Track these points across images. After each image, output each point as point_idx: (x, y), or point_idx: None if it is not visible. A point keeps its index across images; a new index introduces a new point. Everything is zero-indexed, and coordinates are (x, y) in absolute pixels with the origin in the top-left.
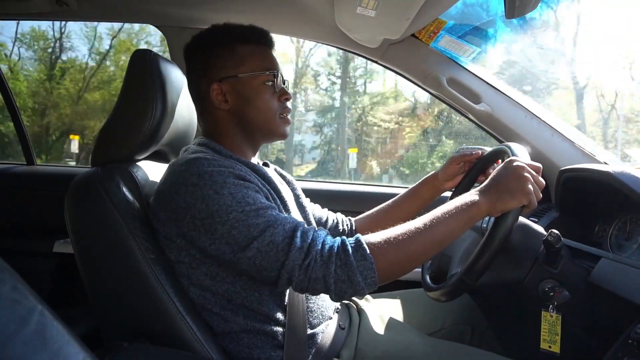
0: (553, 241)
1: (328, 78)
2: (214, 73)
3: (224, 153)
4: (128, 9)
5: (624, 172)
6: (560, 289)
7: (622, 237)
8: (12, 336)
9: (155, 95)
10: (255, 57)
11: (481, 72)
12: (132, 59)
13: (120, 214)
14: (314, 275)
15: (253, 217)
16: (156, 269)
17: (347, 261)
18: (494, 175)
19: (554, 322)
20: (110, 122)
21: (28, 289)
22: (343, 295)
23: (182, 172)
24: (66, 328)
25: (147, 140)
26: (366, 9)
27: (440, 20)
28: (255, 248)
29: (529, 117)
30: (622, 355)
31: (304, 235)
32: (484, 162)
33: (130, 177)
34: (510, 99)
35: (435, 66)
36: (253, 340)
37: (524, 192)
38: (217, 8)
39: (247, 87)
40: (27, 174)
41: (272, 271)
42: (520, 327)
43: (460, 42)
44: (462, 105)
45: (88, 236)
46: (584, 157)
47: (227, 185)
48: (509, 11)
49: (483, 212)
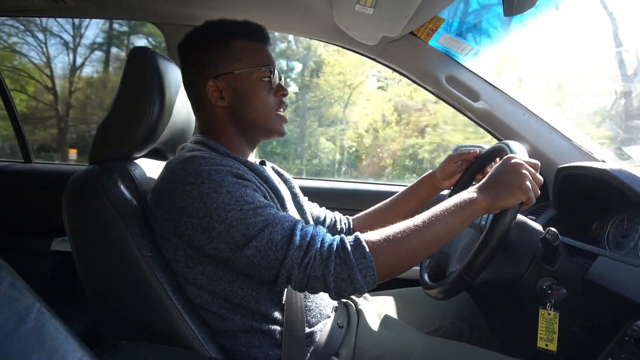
0: (551, 239)
1: None
2: (210, 70)
3: (220, 151)
4: (126, 6)
5: (621, 170)
6: (558, 287)
7: (619, 235)
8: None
9: (153, 93)
10: (250, 53)
11: (480, 70)
12: (130, 57)
13: (118, 212)
14: (313, 273)
15: (252, 215)
16: (154, 267)
17: (346, 259)
18: (492, 172)
19: (551, 319)
20: (108, 120)
21: (26, 287)
22: (342, 294)
23: (179, 170)
24: (64, 326)
25: (145, 138)
26: (364, 6)
27: (438, 18)
28: (254, 247)
29: (527, 114)
30: (619, 352)
31: (303, 234)
32: (482, 160)
33: (128, 175)
34: (508, 97)
35: (433, 64)
36: (251, 339)
37: (522, 189)
38: (216, 5)
39: (243, 84)
40: (25, 172)
41: (270, 270)
42: (518, 325)
43: (459, 40)
44: (461, 103)
45: (86, 234)
46: (581, 155)
47: (225, 184)
48: (507, 9)
49: (482, 209)
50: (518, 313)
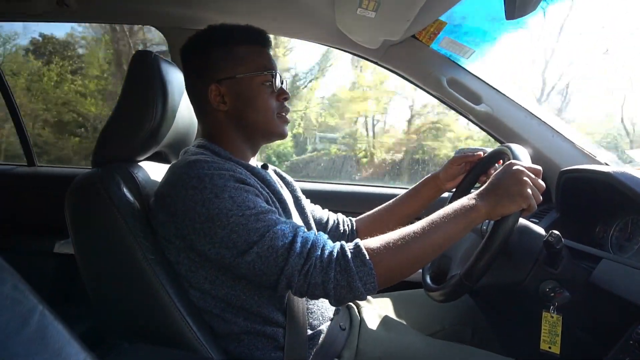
0: (554, 242)
1: None
2: (212, 74)
3: (223, 155)
4: (128, 9)
5: (624, 172)
6: (561, 290)
7: (623, 238)
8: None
9: (156, 97)
10: (252, 57)
11: (482, 73)
12: (133, 60)
13: (121, 214)
14: (313, 280)
15: (253, 221)
16: (156, 269)
17: (346, 267)
18: (493, 178)
19: (554, 322)
20: (111, 123)
21: (29, 289)
22: (342, 301)
23: (182, 174)
24: (67, 328)
25: (147, 141)
26: (366, 10)
27: (440, 22)
28: (255, 253)
29: (530, 117)
30: (623, 356)
31: (304, 241)
32: (485, 162)
33: (131, 178)
34: (510, 100)
35: (435, 67)
36: (253, 341)
37: (523, 195)
38: (218, 9)
39: (245, 88)
40: (28, 175)
41: (271, 276)
42: (521, 328)
43: (460, 43)
44: (463, 107)
45: (88, 236)
46: (584, 157)
47: (227, 189)
48: (509, 12)
49: (482, 215)
50: (520, 316)
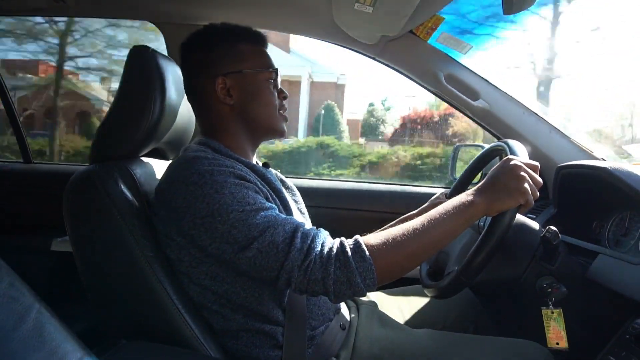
0: (551, 237)
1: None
2: (216, 69)
3: (223, 152)
4: (125, 5)
5: (621, 168)
6: (558, 285)
7: (619, 233)
8: (9, 334)
9: (154, 92)
10: (255, 55)
11: (479, 69)
12: (131, 56)
13: (119, 211)
14: (312, 276)
15: (253, 217)
16: (154, 267)
17: (346, 263)
18: (490, 175)
19: (556, 318)
20: (108, 119)
21: (26, 287)
22: (342, 297)
23: (183, 170)
24: (64, 326)
25: (145, 138)
26: (364, 5)
27: (438, 17)
28: (255, 248)
29: (527, 113)
30: (619, 350)
31: (304, 237)
32: (481, 159)
33: (129, 174)
34: (508, 96)
35: (433, 63)
36: (252, 339)
37: (521, 191)
38: (215, 5)
39: (251, 83)
40: (25, 172)
41: (271, 272)
42: (522, 323)
43: (458, 39)
44: (460, 102)
45: (86, 233)
46: (581, 153)
47: (227, 185)
48: (506, 7)
49: (480, 211)
50: (521, 311)
